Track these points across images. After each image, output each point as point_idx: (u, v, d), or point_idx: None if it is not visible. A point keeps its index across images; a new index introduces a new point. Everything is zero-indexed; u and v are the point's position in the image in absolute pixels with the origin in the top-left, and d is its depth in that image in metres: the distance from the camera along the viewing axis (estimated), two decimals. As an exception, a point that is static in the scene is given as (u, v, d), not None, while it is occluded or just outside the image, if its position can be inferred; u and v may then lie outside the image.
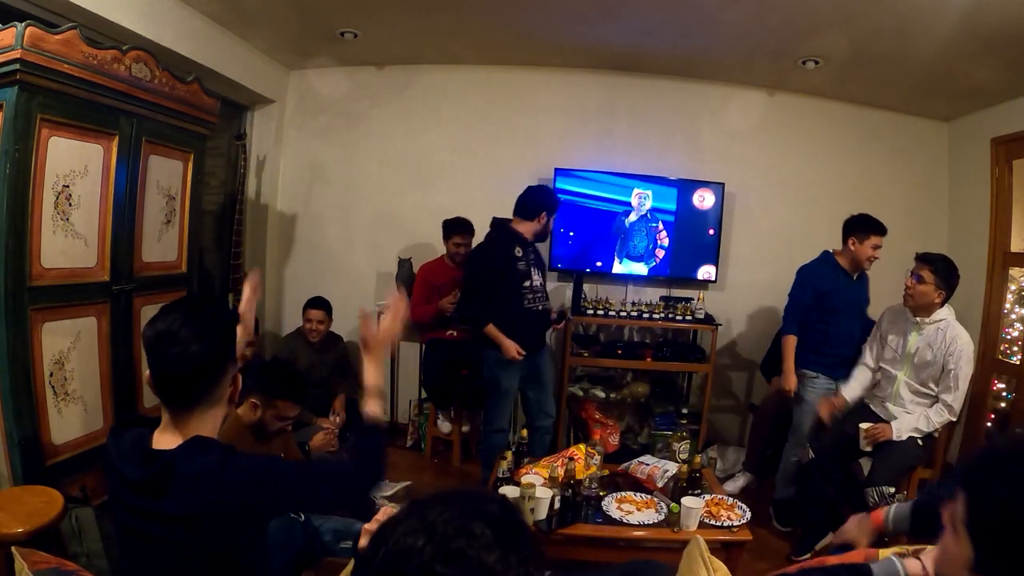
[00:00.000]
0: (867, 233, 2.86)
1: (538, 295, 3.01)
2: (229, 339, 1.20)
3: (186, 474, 1.09)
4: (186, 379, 1.14)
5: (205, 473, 1.09)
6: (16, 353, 2.07)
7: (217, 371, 1.17)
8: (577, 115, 4.04)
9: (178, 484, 1.08)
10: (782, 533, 2.99)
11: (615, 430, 3.81)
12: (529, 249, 3.01)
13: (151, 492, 1.10)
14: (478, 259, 3.03)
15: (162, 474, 1.09)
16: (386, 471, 1.48)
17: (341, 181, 4.19)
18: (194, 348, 1.11)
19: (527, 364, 2.98)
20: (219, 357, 1.17)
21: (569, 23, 3.25)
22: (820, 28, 2.95)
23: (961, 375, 2.52)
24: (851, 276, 2.96)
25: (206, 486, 1.09)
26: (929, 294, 2.55)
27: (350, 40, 3.57)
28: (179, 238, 2.90)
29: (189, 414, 1.16)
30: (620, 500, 2.36)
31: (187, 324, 1.13)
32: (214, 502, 1.09)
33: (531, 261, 3.00)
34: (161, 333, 1.12)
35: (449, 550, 0.62)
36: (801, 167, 4.05)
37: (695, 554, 1.26)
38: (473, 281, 3.04)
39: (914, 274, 2.58)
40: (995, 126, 3.59)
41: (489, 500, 0.70)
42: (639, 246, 3.91)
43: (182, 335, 1.11)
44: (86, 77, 2.19)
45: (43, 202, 2.12)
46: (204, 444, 1.14)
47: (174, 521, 1.09)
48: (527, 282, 2.94)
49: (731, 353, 4.13)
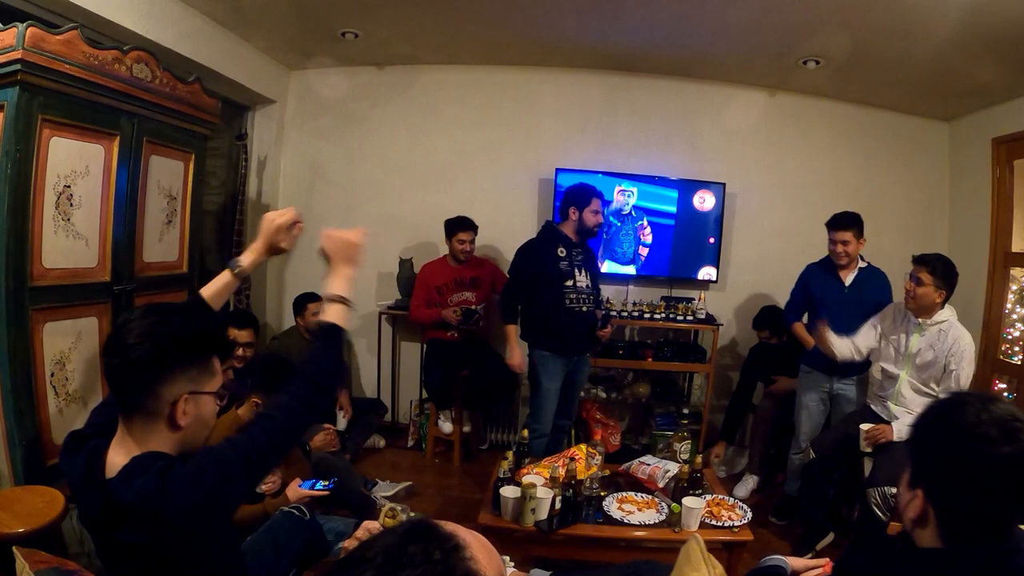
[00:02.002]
0: (828, 229, 2.96)
1: (583, 296, 2.96)
2: (176, 350, 1.09)
3: (126, 503, 1.02)
4: (120, 385, 1.10)
5: (143, 499, 1.01)
6: (17, 353, 2.07)
7: (150, 382, 1.07)
8: (577, 115, 4.04)
9: (123, 514, 1.02)
10: (783, 533, 2.99)
11: (616, 430, 3.81)
12: (576, 250, 2.98)
13: (105, 525, 1.06)
14: (516, 257, 3.04)
15: (108, 506, 1.03)
16: (341, 366, 1.40)
17: (342, 181, 4.19)
18: (131, 353, 1.06)
19: (570, 362, 3.01)
20: (155, 367, 1.07)
21: (569, 23, 3.25)
22: (821, 28, 2.95)
23: (963, 376, 2.51)
24: (839, 276, 2.97)
25: (146, 515, 1.01)
26: (930, 295, 2.54)
27: (350, 40, 3.57)
28: (180, 238, 2.90)
29: (131, 424, 1.10)
30: (621, 500, 2.36)
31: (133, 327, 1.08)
32: (160, 529, 1.01)
33: (578, 262, 2.97)
34: (111, 333, 1.10)
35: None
36: (802, 167, 4.05)
37: (694, 551, 1.25)
38: (509, 278, 3.09)
39: (913, 277, 2.58)
40: (996, 126, 3.59)
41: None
42: (628, 251, 3.90)
43: (124, 338, 1.07)
44: (87, 77, 2.19)
45: (44, 202, 2.13)
46: (144, 464, 1.05)
47: (134, 547, 1.04)
48: (569, 282, 2.91)
49: (732, 353, 4.13)
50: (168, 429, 1.10)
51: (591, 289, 3.01)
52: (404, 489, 3.12)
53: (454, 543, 0.64)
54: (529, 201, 4.06)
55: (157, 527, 1.01)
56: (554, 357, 2.94)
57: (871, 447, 2.62)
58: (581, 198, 2.93)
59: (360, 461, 3.54)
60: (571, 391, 3.12)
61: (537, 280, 2.92)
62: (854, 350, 2.76)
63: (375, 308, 4.05)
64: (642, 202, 3.88)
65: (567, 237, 2.96)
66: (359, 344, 4.21)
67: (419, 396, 4.01)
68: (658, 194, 3.87)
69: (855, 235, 2.87)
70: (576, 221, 2.94)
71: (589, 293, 2.99)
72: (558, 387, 2.99)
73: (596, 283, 3.09)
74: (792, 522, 3.05)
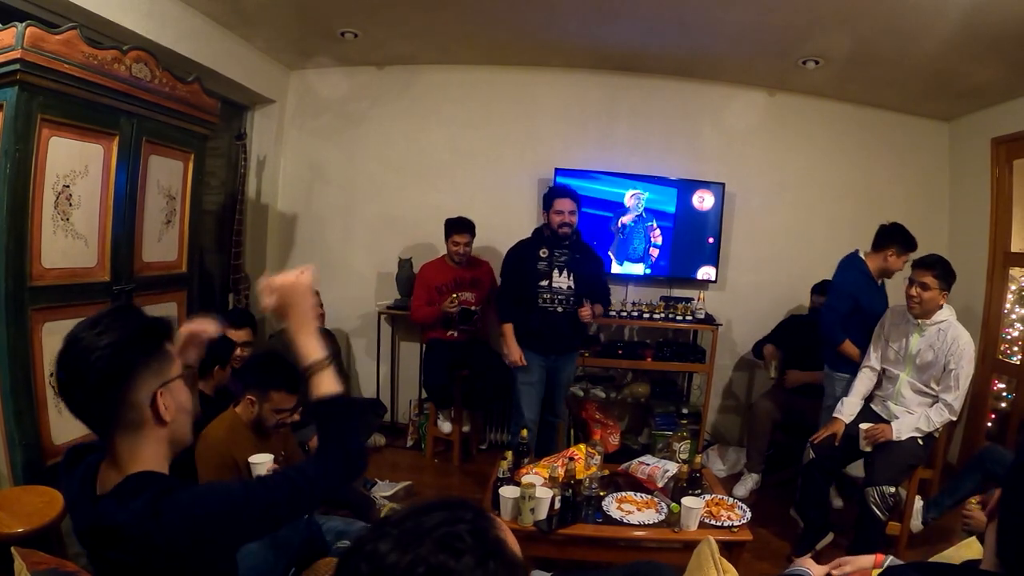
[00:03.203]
0: (906, 251, 2.86)
1: (560, 297, 3.03)
2: (130, 355, 1.02)
3: (119, 524, 0.98)
4: (90, 416, 1.03)
5: (135, 523, 0.97)
6: (16, 353, 2.07)
7: (120, 398, 1.01)
8: (577, 115, 4.04)
9: (115, 534, 0.99)
10: (782, 533, 2.99)
11: (615, 430, 3.80)
12: (560, 251, 3.04)
13: (96, 543, 1.03)
14: (504, 259, 3.18)
15: (100, 524, 1.01)
16: (363, 443, 1.24)
17: (341, 181, 4.19)
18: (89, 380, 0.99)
19: (546, 366, 3.12)
20: (118, 382, 1.01)
21: (569, 23, 3.25)
22: (820, 28, 2.95)
23: (962, 375, 2.52)
24: (876, 282, 2.95)
25: (137, 537, 0.97)
26: (935, 299, 2.56)
27: (350, 40, 3.57)
28: (179, 238, 2.90)
29: (112, 441, 1.04)
30: (620, 500, 2.36)
31: (74, 356, 1.00)
32: (150, 552, 0.98)
33: (560, 263, 3.04)
34: (58, 375, 1.02)
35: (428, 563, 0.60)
36: (801, 167, 4.05)
37: (706, 554, 1.24)
38: (501, 279, 3.18)
39: (916, 283, 2.57)
40: (995, 126, 3.59)
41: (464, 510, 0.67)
42: (638, 248, 3.92)
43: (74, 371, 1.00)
44: (86, 77, 2.19)
45: (43, 202, 2.12)
46: (136, 486, 1.01)
47: (126, 565, 1.01)
48: (544, 282, 3.00)
49: (731, 353, 4.13)
50: (156, 428, 1.06)
51: (572, 290, 3.05)
52: (404, 489, 3.12)
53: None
54: (528, 201, 4.06)
55: (148, 550, 0.98)
56: (532, 354, 3.06)
57: (871, 446, 2.63)
58: (546, 200, 3.05)
59: (360, 461, 3.54)
60: (555, 389, 3.22)
61: (520, 280, 3.04)
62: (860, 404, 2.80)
63: (375, 308, 4.05)
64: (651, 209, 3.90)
65: (551, 238, 3.05)
66: (359, 344, 4.21)
67: (418, 396, 4.01)
68: (658, 194, 3.87)
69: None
70: (548, 220, 3.03)
71: (568, 294, 3.04)
72: (535, 382, 3.10)
73: (585, 284, 3.10)
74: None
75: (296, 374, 2.15)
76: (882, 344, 2.80)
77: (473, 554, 0.61)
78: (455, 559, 0.60)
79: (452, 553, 0.60)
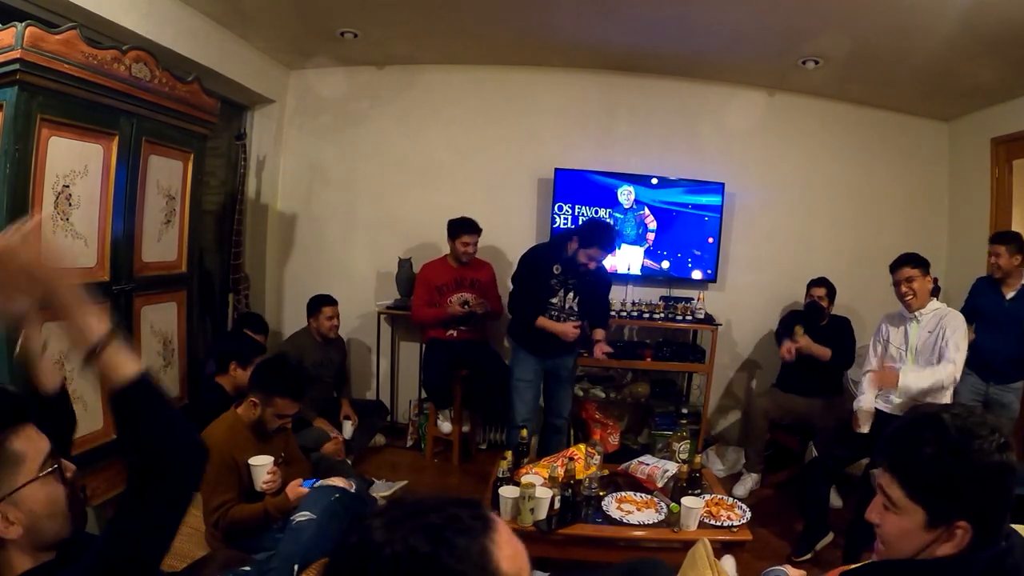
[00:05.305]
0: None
1: (563, 316, 3.05)
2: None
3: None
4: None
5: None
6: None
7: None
8: (577, 115, 4.04)
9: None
10: (782, 533, 2.99)
11: (615, 430, 3.80)
12: (569, 272, 3.02)
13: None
14: (519, 264, 3.12)
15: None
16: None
17: (341, 181, 4.19)
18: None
19: (543, 366, 3.14)
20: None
21: (569, 23, 3.25)
22: (820, 28, 2.95)
23: (956, 337, 2.58)
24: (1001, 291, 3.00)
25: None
26: (924, 285, 2.66)
27: (350, 40, 3.56)
28: (179, 238, 2.90)
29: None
30: (620, 500, 2.36)
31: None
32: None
33: (568, 284, 3.04)
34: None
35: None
36: (801, 167, 4.05)
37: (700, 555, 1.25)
38: (515, 286, 3.13)
39: (902, 281, 2.65)
40: (995, 126, 3.59)
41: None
42: (630, 233, 3.91)
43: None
44: (86, 77, 2.19)
45: (43, 202, 2.12)
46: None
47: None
48: (553, 299, 3.04)
49: (731, 353, 4.13)
50: (7, 545, 0.87)
51: (574, 311, 3.08)
52: (401, 489, 3.12)
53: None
54: (528, 201, 4.06)
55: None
56: (528, 354, 3.11)
57: (868, 426, 2.65)
58: (585, 239, 2.91)
59: (361, 461, 3.54)
60: (556, 387, 3.24)
61: (534, 286, 3.04)
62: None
63: (374, 308, 4.05)
64: (642, 201, 3.89)
65: (566, 257, 2.99)
66: (359, 344, 4.21)
67: (418, 396, 4.01)
68: (658, 194, 3.87)
69: (1008, 251, 2.91)
70: (572, 253, 2.95)
71: (571, 313, 3.07)
72: (532, 382, 3.13)
73: (588, 306, 3.12)
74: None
75: (301, 383, 2.17)
76: (881, 348, 2.81)
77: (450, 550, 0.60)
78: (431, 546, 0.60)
79: (432, 540, 0.60)
